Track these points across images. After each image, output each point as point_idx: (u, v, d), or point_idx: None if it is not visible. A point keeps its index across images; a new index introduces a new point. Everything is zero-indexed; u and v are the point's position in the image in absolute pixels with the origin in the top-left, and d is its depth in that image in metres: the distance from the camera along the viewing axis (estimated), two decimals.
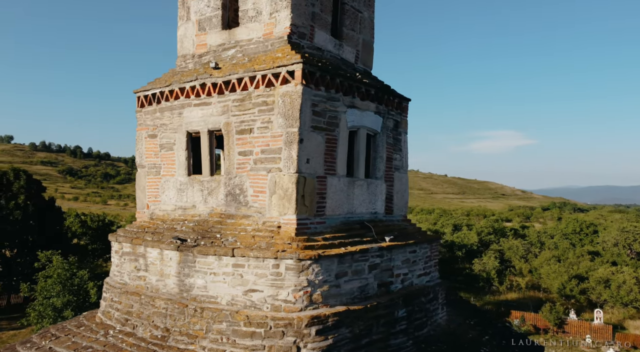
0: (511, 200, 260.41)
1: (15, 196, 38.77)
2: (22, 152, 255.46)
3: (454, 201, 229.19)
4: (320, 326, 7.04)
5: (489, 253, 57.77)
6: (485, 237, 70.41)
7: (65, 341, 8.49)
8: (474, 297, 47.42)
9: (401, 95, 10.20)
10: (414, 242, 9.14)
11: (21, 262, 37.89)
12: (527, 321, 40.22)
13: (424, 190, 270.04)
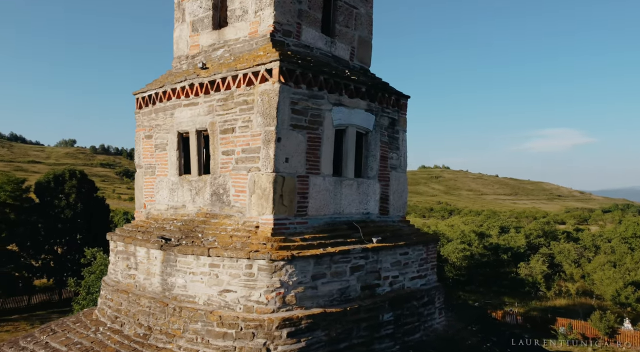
0: (568, 201, 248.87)
1: (67, 196, 40.85)
2: (83, 155, 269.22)
3: (505, 202, 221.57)
4: (292, 329, 6.89)
5: (537, 257, 55.38)
6: (534, 240, 67.51)
7: (60, 336, 8.77)
8: (519, 303, 45.65)
9: (398, 92, 9.90)
10: (404, 244, 8.82)
11: (70, 258, 39.82)
12: (575, 329, 38.16)
13: (474, 191, 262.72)
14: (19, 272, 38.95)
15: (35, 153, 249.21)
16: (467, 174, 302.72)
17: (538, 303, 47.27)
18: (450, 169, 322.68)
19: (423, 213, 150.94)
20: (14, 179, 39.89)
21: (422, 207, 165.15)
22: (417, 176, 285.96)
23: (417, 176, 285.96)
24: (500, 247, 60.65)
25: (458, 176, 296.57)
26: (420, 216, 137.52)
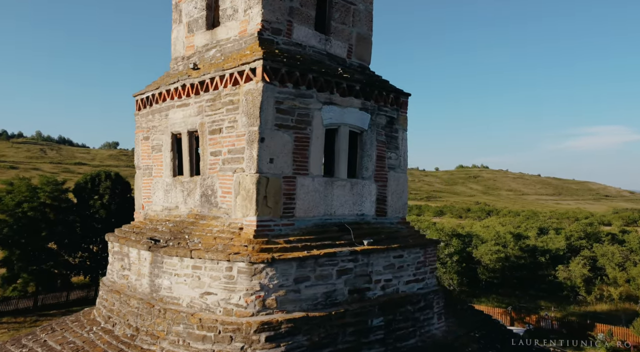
0: (616, 202, 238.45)
1: (102, 196, 42.19)
2: (126, 156, 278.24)
3: (548, 203, 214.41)
4: (271, 333, 6.74)
5: (577, 259, 53.21)
6: (575, 242, 64.92)
7: (58, 335, 8.94)
8: (556, 307, 43.99)
9: (398, 89, 9.60)
10: (398, 247, 8.52)
11: (105, 256, 41.07)
12: (615, 336, 36.40)
13: (514, 191, 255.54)
14: (57, 270, 40.47)
15: (81, 155, 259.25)
16: (507, 174, 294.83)
17: (576, 308, 45.41)
18: (489, 168, 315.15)
19: (460, 214, 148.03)
20: (53, 180, 41.45)
21: (458, 207, 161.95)
22: (455, 175, 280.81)
23: (455, 175, 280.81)
24: (538, 249, 58.61)
25: (497, 175, 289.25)
26: (456, 216, 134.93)
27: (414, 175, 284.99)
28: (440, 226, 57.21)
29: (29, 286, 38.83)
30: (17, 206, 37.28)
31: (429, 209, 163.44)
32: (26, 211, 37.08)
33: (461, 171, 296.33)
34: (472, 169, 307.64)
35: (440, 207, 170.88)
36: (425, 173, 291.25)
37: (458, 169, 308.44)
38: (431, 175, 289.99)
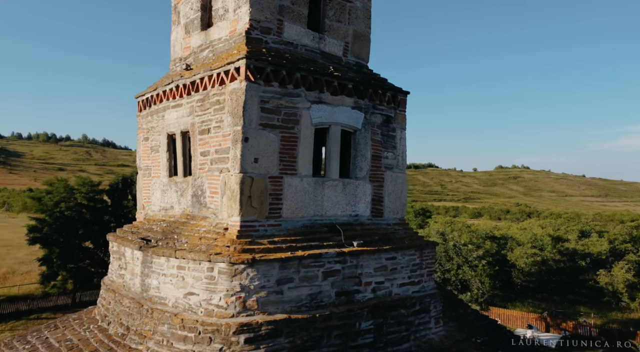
0: None
1: (135, 197, 43.40)
2: None
3: (593, 204, 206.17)
4: (251, 334, 6.66)
5: (621, 264, 50.79)
6: (620, 246, 61.96)
7: (59, 332, 9.15)
8: (595, 314, 42.12)
9: (395, 87, 9.36)
10: (390, 248, 8.29)
11: None
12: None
13: (557, 192, 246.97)
14: (94, 268, 41.84)
15: (124, 157, 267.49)
16: (549, 174, 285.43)
17: (618, 315, 43.35)
18: (530, 169, 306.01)
19: (498, 215, 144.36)
20: (89, 181, 42.92)
21: (497, 209, 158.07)
22: (494, 176, 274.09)
23: (494, 176, 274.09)
24: (578, 253, 56.34)
25: (539, 176, 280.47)
26: (494, 218, 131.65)
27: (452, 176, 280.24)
28: (474, 228, 55.91)
29: (68, 283, 40.26)
30: (55, 206, 38.78)
31: (466, 211, 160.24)
32: (64, 211, 38.52)
33: (500, 172, 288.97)
34: (512, 170, 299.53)
35: (478, 209, 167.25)
36: (463, 174, 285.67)
37: (497, 169, 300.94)
38: (469, 176, 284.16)
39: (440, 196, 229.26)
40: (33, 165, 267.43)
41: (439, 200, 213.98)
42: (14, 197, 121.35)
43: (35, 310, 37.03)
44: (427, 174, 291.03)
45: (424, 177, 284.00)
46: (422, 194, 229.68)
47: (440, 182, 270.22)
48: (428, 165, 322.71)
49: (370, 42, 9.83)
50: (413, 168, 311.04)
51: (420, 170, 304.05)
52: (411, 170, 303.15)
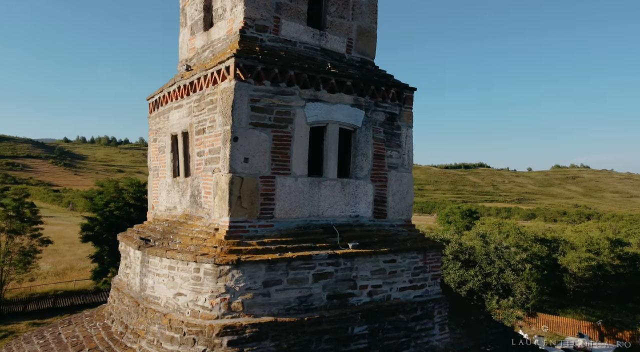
0: None
1: None
2: None
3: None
4: (234, 337, 6.57)
5: None
6: None
7: (70, 329, 9.43)
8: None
9: (401, 84, 9.03)
10: (389, 251, 7.96)
11: None
12: None
13: (620, 193, 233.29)
14: None
15: None
16: (611, 174, 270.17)
17: None
18: (590, 168, 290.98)
19: (554, 217, 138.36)
20: (136, 182, 44.54)
21: (553, 210, 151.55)
22: (550, 176, 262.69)
23: (550, 176, 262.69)
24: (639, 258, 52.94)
25: (600, 176, 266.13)
26: (550, 220, 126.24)
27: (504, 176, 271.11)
28: (524, 230, 53.63)
29: None
30: (105, 206, 40.49)
31: (519, 212, 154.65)
32: (113, 210, 40.15)
33: (557, 171, 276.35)
34: (570, 170, 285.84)
35: (532, 210, 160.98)
36: (516, 174, 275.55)
37: (554, 169, 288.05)
38: (523, 176, 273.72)
39: (491, 197, 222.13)
40: (95, 167, 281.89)
41: (491, 201, 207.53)
42: (78, 198, 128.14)
43: (88, 304, 38.73)
44: (477, 174, 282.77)
45: (474, 177, 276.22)
46: (473, 195, 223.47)
47: (492, 183, 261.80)
48: (479, 165, 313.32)
49: (376, 38, 9.53)
50: (463, 168, 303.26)
51: (471, 170, 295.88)
52: (461, 170, 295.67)
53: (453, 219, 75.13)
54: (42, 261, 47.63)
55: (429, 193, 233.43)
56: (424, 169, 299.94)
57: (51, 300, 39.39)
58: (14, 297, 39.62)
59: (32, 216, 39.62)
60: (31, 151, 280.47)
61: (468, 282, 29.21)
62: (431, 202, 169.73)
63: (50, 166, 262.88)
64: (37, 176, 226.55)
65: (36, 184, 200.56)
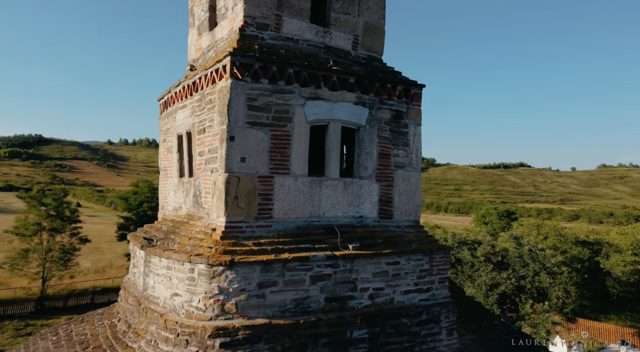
0: None
1: None
2: None
3: None
4: (227, 339, 6.48)
5: None
6: None
7: (81, 326, 9.60)
8: None
9: (409, 81, 8.75)
10: (391, 252, 7.70)
11: None
12: None
13: None
14: None
15: None
16: None
17: None
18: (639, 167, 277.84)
19: (599, 218, 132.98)
20: None
21: (598, 211, 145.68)
22: (596, 176, 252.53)
23: (596, 176, 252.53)
24: None
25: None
26: (595, 221, 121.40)
27: (546, 175, 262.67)
28: (565, 232, 51.65)
29: None
30: (139, 206, 41.57)
31: (561, 213, 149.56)
32: (146, 210, 41.15)
33: (604, 171, 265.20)
34: (617, 169, 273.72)
35: (575, 212, 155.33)
36: (559, 173, 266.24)
37: (600, 168, 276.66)
38: (566, 175, 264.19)
39: (532, 198, 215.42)
40: (137, 168, 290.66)
41: (531, 201, 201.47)
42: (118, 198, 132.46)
43: None
44: (518, 174, 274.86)
45: (514, 177, 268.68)
46: (512, 195, 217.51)
47: (533, 183, 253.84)
48: (519, 164, 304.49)
49: (384, 34, 9.27)
50: (502, 168, 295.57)
51: (511, 170, 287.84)
52: (500, 170, 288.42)
53: (490, 220, 73.19)
54: (82, 258, 49.44)
55: (466, 193, 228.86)
56: (461, 169, 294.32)
57: (90, 296, 40.71)
58: (55, 293, 41.20)
59: (71, 215, 41.05)
60: (77, 153, 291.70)
61: (500, 285, 28.31)
62: (469, 202, 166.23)
63: (94, 167, 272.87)
64: (82, 176, 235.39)
65: (82, 185, 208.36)
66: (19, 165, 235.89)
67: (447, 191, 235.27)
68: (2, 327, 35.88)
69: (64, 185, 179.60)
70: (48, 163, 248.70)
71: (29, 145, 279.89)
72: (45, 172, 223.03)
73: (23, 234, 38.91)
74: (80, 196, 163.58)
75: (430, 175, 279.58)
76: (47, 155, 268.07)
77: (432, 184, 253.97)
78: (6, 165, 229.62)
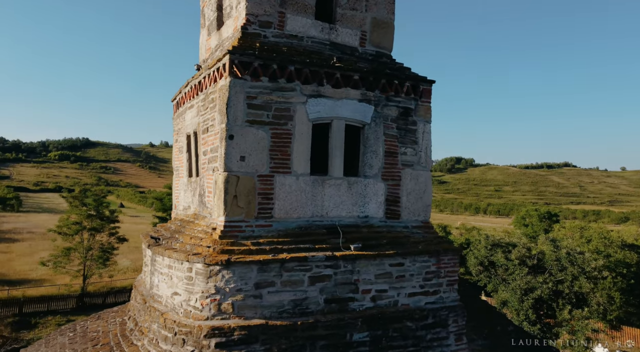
0: None
1: None
2: None
3: None
4: (222, 339, 6.43)
5: None
6: None
7: (96, 323, 9.79)
8: None
9: (417, 77, 8.49)
10: (395, 253, 7.46)
11: None
12: None
13: None
14: None
15: None
16: None
17: None
18: None
19: None
20: None
21: None
22: None
23: None
24: None
25: None
26: None
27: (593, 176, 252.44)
28: (611, 235, 49.36)
29: None
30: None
31: (609, 215, 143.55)
32: None
33: None
34: None
35: (626, 214, 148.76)
36: (607, 173, 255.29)
37: None
38: (615, 175, 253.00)
39: (578, 199, 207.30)
40: None
41: (577, 203, 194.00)
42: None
43: None
44: (562, 174, 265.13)
45: (558, 177, 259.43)
46: (556, 197, 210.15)
47: (579, 183, 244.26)
48: (564, 164, 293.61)
49: (393, 29, 9.04)
50: (545, 168, 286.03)
51: (554, 170, 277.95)
52: (543, 170, 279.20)
53: (530, 222, 70.89)
54: (122, 256, 50.94)
55: (506, 195, 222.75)
56: (501, 170, 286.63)
57: (127, 294, 41.84)
58: (95, 290, 42.66)
59: (110, 215, 42.37)
60: (121, 155, 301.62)
61: (536, 290, 27.30)
62: (509, 204, 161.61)
63: (137, 169, 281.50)
64: (126, 178, 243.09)
65: (125, 186, 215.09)
66: (68, 167, 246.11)
67: (486, 192, 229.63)
68: (46, 322, 37.45)
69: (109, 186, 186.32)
70: (94, 165, 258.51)
71: (77, 148, 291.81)
72: (92, 174, 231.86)
73: (65, 233, 40.49)
74: (123, 196, 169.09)
75: (469, 175, 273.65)
76: (93, 157, 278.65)
77: (471, 185, 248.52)
78: (56, 168, 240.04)
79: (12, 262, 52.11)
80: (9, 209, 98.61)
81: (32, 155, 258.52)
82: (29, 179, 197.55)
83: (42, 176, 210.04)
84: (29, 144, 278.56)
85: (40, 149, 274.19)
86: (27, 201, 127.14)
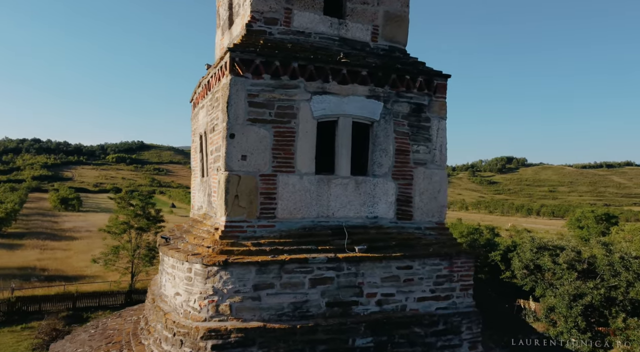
0: None
1: None
2: None
3: None
4: (219, 341, 6.33)
5: None
6: None
7: (115, 321, 9.99)
8: None
9: (432, 71, 8.13)
10: (403, 256, 7.12)
11: None
12: None
13: None
14: None
15: None
16: None
17: None
18: None
19: None
20: None
21: None
22: None
23: None
24: None
25: None
26: None
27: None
28: None
29: None
30: None
31: None
32: None
33: None
34: None
35: None
36: None
37: None
38: None
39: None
40: None
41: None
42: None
43: None
44: (624, 173, 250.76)
45: (619, 177, 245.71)
46: (617, 198, 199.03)
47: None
48: (625, 163, 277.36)
49: (408, 23, 8.70)
50: (605, 167, 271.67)
51: (615, 169, 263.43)
52: (602, 169, 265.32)
53: (585, 223, 67.34)
54: None
55: (562, 195, 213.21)
56: (556, 169, 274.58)
57: None
58: (142, 287, 44.10)
59: (156, 215, 43.66)
60: (173, 157, 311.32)
61: (586, 296, 25.77)
62: (564, 205, 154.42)
63: (188, 171, 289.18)
64: (177, 179, 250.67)
65: (177, 187, 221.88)
66: (124, 169, 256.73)
67: (540, 193, 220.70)
68: (97, 317, 39.02)
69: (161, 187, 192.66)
70: (148, 167, 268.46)
71: (132, 151, 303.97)
72: (145, 176, 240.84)
73: (114, 232, 42.10)
74: (175, 197, 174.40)
75: (520, 176, 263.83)
76: (147, 160, 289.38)
77: (524, 185, 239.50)
78: (114, 170, 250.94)
79: (70, 259, 54.74)
80: (71, 209, 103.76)
81: (92, 158, 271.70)
82: (89, 181, 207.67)
83: (101, 177, 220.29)
84: (89, 148, 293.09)
85: (99, 152, 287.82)
86: (87, 201, 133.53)
